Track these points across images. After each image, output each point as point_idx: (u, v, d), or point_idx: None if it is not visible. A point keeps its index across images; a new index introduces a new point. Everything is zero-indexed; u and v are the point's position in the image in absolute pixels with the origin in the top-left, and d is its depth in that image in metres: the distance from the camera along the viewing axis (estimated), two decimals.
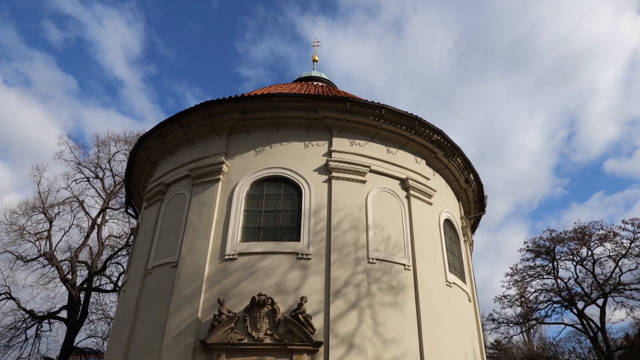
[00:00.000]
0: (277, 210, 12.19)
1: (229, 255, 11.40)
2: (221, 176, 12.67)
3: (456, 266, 14.34)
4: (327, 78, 23.33)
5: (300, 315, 10.39)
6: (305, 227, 11.72)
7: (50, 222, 26.03)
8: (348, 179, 12.49)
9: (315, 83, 20.77)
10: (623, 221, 30.77)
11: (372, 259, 11.57)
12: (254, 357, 10.17)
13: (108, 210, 28.00)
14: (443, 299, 12.31)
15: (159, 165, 15.13)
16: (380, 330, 10.77)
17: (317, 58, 25.37)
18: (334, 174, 12.45)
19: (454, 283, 13.20)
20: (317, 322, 10.48)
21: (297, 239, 11.59)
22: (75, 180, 28.37)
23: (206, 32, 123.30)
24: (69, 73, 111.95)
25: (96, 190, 28.30)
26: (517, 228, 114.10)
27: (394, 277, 11.64)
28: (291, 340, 10.21)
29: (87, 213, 27.87)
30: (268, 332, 10.33)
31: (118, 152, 28.33)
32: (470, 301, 14.29)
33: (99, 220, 27.47)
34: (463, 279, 14.30)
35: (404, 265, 11.93)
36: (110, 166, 28.53)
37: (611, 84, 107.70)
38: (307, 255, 11.28)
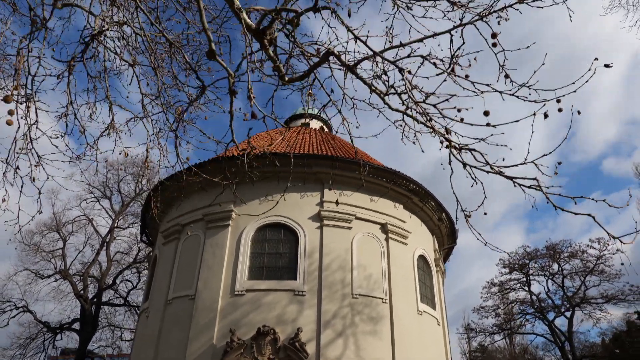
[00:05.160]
0: (277, 253, 14.68)
1: (238, 291, 13.88)
2: (231, 222, 15.13)
3: (428, 295, 16.92)
4: (320, 114, 25.88)
5: (296, 343, 12.89)
6: (301, 267, 14.22)
7: (64, 241, 28.29)
8: (337, 226, 15.01)
9: (311, 126, 23.27)
10: (590, 239, 33.75)
11: (356, 294, 14.11)
12: None
13: (116, 229, 30.29)
14: (414, 326, 14.87)
15: (174, 206, 17.52)
16: (361, 354, 13.31)
17: (311, 92, 27.87)
18: (325, 221, 14.97)
19: (424, 311, 15.76)
20: (310, 348, 12.99)
21: (294, 278, 14.09)
22: (85, 200, 30.63)
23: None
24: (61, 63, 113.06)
25: (105, 211, 30.58)
26: (514, 227, 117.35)
27: (373, 309, 14.19)
28: None
29: (96, 231, 30.17)
30: (271, 356, 12.83)
31: (127, 175, 30.58)
32: (439, 325, 16.87)
33: (108, 238, 29.76)
34: (433, 306, 16.87)
35: (382, 299, 14.48)
36: (119, 187, 30.81)
37: (613, 83, 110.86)
38: (302, 292, 13.79)
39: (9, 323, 27.24)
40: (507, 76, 4.09)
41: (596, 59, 3.26)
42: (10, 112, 3.82)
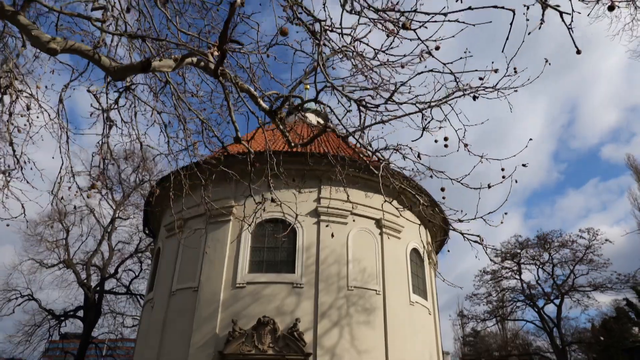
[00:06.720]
0: (276, 247, 15.40)
1: (239, 284, 14.62)
2: (231, 217, 15.80)
3: (420, 286, 17.72)
4: (317, 108, 26.42)
5: (295, 333, 13.69)
6: (299, 261, 14.96)
7: (67, 231, 28.96)
8: (333, 222, 15.70)
9: (308, 120, 23.77)
10: (580, 230, 34.67)
11: (351, 287, 14.88)
12: None
13: (117, 219, 30.92)
14: (406, 316, 15.68)
15: (176, 201, 18.14)
16: (356, 343, 14.12)
17: (308, 87, 28.39)
18: (322, 217, 15.67)
19: (416, 302, 16.57)
20: (308, 338, 13.79)
21: (293, 271, 14.84)
22: (86, 191, 31.13)
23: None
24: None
25: (106, 201, 31.15)
26: (511, 214, 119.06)
27: (367, 300, 14.98)
28: (288, 352, 13.54)
29: (98, 221, 30.80)
30: (270, 345, 13.62)
31: (127, 166, 31.06)
32: (430, 314, 17.71)
33: (110, 228, 30.42)
34: (425, 297, 17.70)
35: (376, 290, 15.26)
36: (119, 178, 31.32)
37: (614, 70, 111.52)
38: (300, 284, 14.55)
39: (15, 311, 28.08)
40: (466, 145, 4.78)
41: (531, 139, 3.91)
42: (92, 188, 4.71)
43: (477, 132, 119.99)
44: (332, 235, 13.33)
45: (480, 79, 4.34)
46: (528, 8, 3.78)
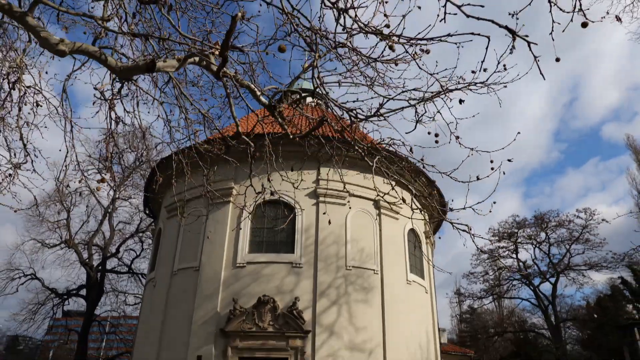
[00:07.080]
0: (276, 228, 15.63)
1: (239, 263, 14.91)
2: (231, 198, 15.99)
3: (417, 266, 18.06)
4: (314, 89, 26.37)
5: (294, 311, 14.03)
6: (298, 242, 15.22)
7: (68, 212, 29.21)
8: (332, 203, 15.91)
9: (307, 103, 23.79)
10: (577, 209, 35.03)
11: (349, 266, 15.18)
12: (261, 341, 13.90)
13: (118, 199, 31.14)
14: (403, 295, 16.03)
15: (176, 182, 18.30)
16: (353, 321, 14.50)
17: (306, 65, 28.25)
18: (321, 198, 15.86)
19: (413, 281, 16.92)
20: (307, 315, 14.14)
21: (292, 251, 15.11)
22: (87, 171, 31.31)
23: None
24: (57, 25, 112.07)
25: (107, 182, 31.30)
26: (510, 192, 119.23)
27: (365, 280, 15.30)
28: (287, 329, 13.91)
29: (99, 202, 31.02)
30: (270, 323, 13.99)
31: (126, 148, 31.11)
32: (427, 293, 18.10)
33: (110, 208, 30.66)
34: (422, 276, 18.05)
35: (373, 270, 15.58)
36: (119, 159, 31.40)
37: (617, 49, 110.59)
38: (299, 264, 14.84)
39: (18, 290, 28.55)
40: (457, 137, 4.93)
41: (519, 132, 4.04)
42: (102, 181, 5.00)
43: (478, 110, 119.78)
44: (330, 222, 13.55)
45: (473, 72, 4.46)
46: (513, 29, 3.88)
